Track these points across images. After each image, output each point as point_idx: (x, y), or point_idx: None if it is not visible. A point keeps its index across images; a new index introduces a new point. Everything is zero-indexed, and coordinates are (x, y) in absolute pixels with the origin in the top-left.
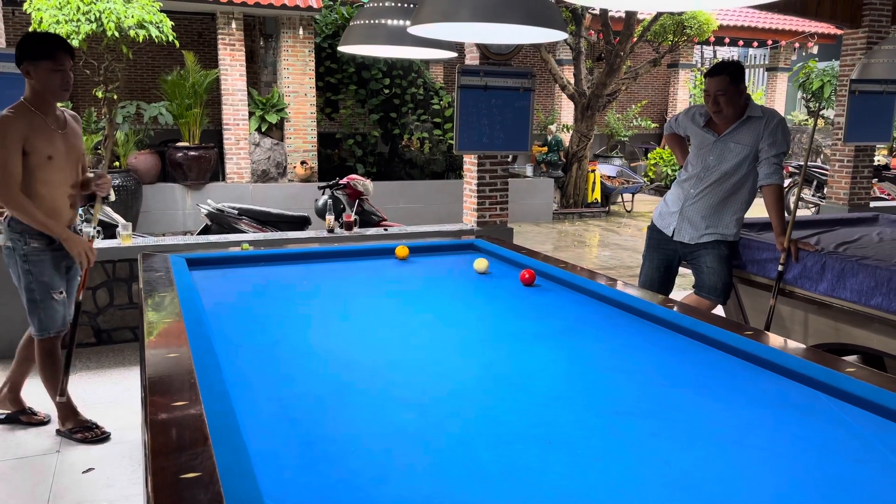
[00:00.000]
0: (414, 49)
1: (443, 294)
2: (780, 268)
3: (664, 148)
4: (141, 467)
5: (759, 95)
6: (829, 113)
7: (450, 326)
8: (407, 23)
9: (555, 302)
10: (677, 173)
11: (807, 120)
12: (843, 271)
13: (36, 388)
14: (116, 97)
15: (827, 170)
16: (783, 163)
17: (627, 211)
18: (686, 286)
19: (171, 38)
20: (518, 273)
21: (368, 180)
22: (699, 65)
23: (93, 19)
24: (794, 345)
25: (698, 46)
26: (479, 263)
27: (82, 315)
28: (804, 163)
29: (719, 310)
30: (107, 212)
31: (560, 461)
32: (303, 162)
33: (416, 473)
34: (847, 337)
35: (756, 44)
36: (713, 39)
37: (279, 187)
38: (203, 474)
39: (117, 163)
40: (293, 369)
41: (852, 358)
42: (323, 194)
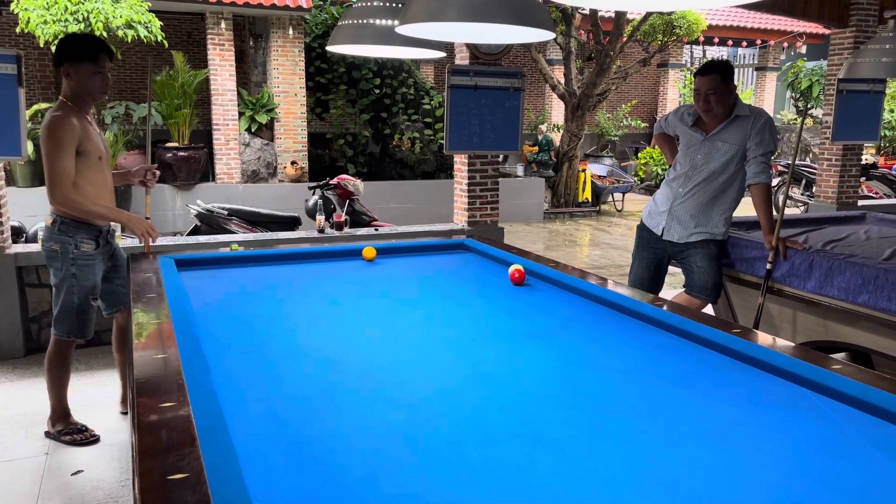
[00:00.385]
0: (402, 49)
1: (433, 294)
2: (769, 266)
3: (654, 147)
4: (129, 469)
5: (749, 95)
6: (818, 112)
7: (440, 326)
8: (395, 22)
9: (545, 301)
10: (666, 173)
11: (796, 119)
12: (831, 269)
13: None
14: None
15: (815, 168)
16: (771, 162)
17: (618, 210)
18: (676, 284)
19: (160, 39)
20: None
21: (359, 180)
22: (689, 64)
23: (81, 19)
24: (782, 342)
25: (688, 46)
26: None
27: None
28: (792, 161)
29: (709, 308)
30: None
31: (548, 459)
32: (293, 162)
33: (405, 473)
34: (835, 334)
35: (745, 43)
36: (702, 39)
37: (269, 187)
38: (191, 475)
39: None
40: (282, 370)
41: (840, 355)
42: (313, 194)
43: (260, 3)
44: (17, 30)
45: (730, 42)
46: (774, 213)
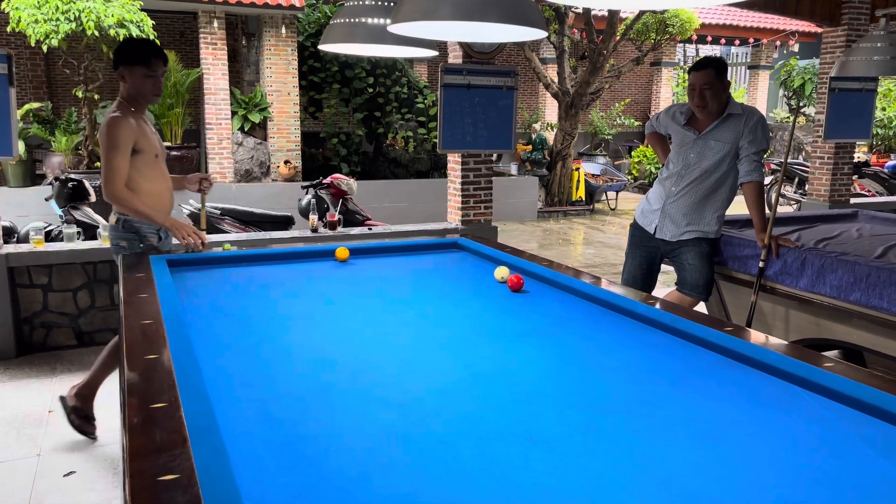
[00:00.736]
0: (395, 48)
1: (426, 293)
2: (761, 264)
3: (647, 146)
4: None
5: (742, 93)
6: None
7: (433, 325)
8: (387, 21)
9: (538, 300)
10: (659, 171)
11: (788, 117)
12: (823, 267)
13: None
14: (97, 97)
15: (808, 167)
16: (764, 160)
17: (612, 209)
18: (669, 283)
19: (153, 38)
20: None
21: (352, 179)
22: (682, 63)
23: (72, 18)
24: (775, 341)
25: (681, 45)
26: (500, 272)
27: (63, 317)
28: (784, 160)
29: (701, 306)
30: (88, 213)
31: (542, 458)
32: (286, 161)
33: (398, 472)
34: (828, 332)
35: (738, 42)
36: (695, 38)
37: (262, 187)
38: (181, 476)
39: (98, 163)
40: (274, 370)
41: (833, 353)
42: (307, 194)
43: (252, 2)
44: (8, 29)
45: (722, 41)
46: (767, 212)
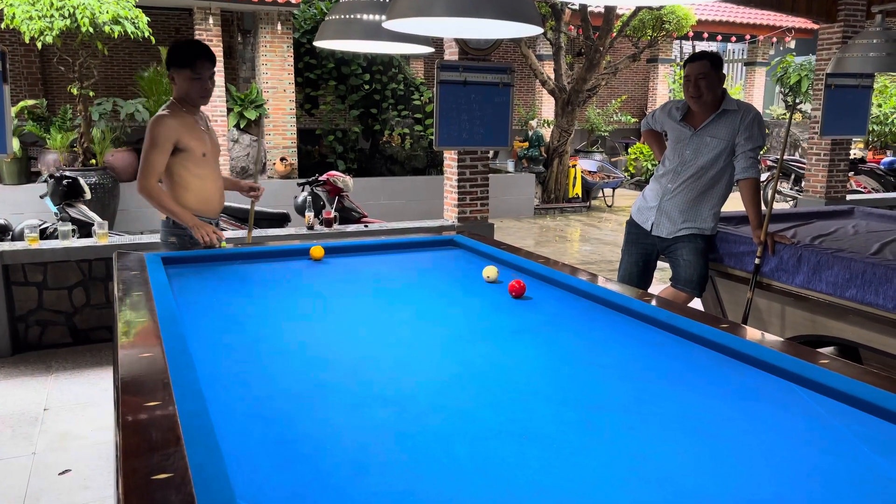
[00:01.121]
0: (390, 44)
1: (422, 290)
2: (757, 261)
3: (644, 143)
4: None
5: (738, 90)
6: (807, 107)
7: (429, 323)
8: (382, 17)
9: (534, 297)
10: (655, 168)
11: (785, 114)
12: (819, 264)
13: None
14: (92, 94)
15: (804, 163)
16: (760, 157)
17: (608, 206)
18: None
19: (147, 34)
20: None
21: (348, 176)
22: (678, 59)
23: (67, 15)
24: (769, 337)
25: (677, 41)
26: (488, 271)
27: (58, 315)
28: (781, 156)
29: (697, 303)
30: (83, 210)
31: (537, 456)
32: (282, 158)
33: (393, 470)
34: (823, 329)
35: (734, 38)
36: (692, 34)
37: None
38: (175, 475)
39: (94, 160)
40: (269, 368)
41: (829, 350)
42: (302, 191)
43: None
44: (2, 26)
45: (719, 37)
46: (763, 208)
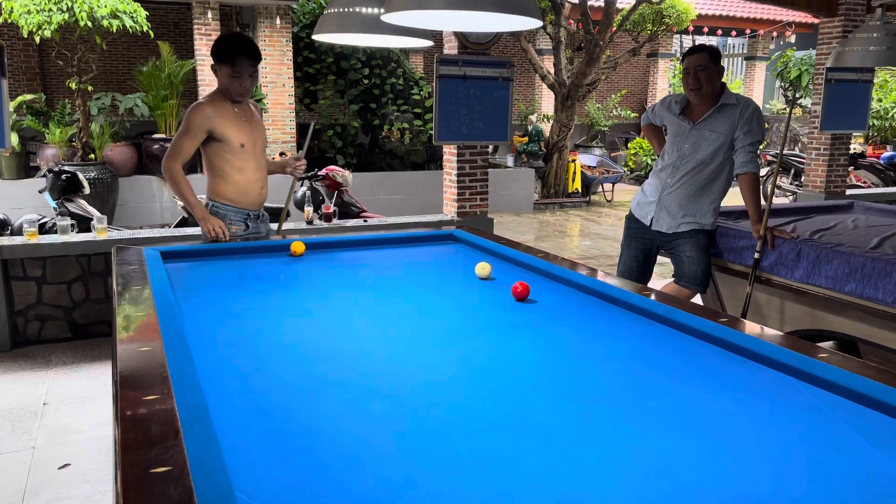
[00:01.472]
0: (389, 37)
1: (421, 285)
2: (757, 255)
3: (643, 138)
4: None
5: (738, 84)
6: (807, 101)
7: (428, 317)
8: (381, 10)
9: (534, 292)
10: (654, 163)
11: (784, 109)
12: (818, 258)
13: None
14: (91, 88)
15: (804, 158)
16: (759, 151)
17: (608, 200)
18: (665, 274)
19: (146, 29)
20: (498, 265)
21: (348, 171)
22: (678, 54)
23: (65, 9)
24: (770, 332)
25: (677, 36)
26: (481, 268)
27: (57, 310)
28: (780, 151)
29: (697, 297)
30: (82, 205)
31: (535, 449)
32: (281, 153)
33: (391, 463)
34: (822, 323)
35: (734, 33)
36: (692, 28)
37: None
38: (173, 469)
39: (92, 155)
40: (267, 362)
41: (828, 344)
42: (302, 186)
43: None
44: (0, 20)
45: (719, 31)
46: (762, 203)
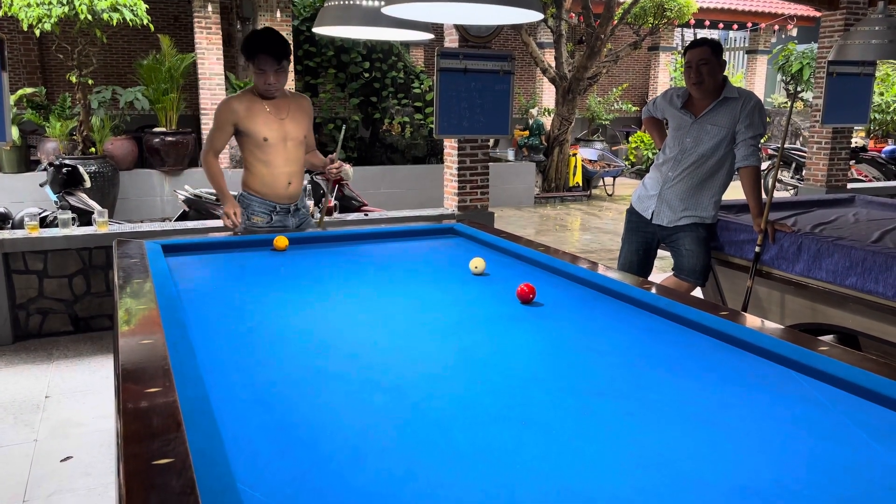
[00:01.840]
0: (390, 30)
1: (422, 278)
2: (757, 249)
3: (645, 131)
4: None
5: (739, 78)
6: (808, 95)
7: (428, 310)
8: (381, 3)
9: (534, 285)
10: (655, 156)
11: (786, 102)
12: (819, 252)
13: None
14: (91, 82)
15: (805, 152)
16: (760, 145)
17: (609, 195)
18: (665, 268)
19: (146, 22)
20: (499, 259)
21: (348, 165)
22: (679, 47)
23: (65, 2)
24: (770, 325)
25: (678, 29)
26: (475, 263)
27: (59, 303)
28: (781, 145)
29: (697, 291)
30: (83, 199)
31: (535, 442)
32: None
33: (392, 455)
34: (823, 317)
35: (736, 26)
36: (693, 22)
37: None
38: (175, 460)
39: (93, 149)
40: (269, 355)
41: (828, 337)
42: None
43: None
44: (1, 13)
45: (721, 25)
46: (763, 197)
